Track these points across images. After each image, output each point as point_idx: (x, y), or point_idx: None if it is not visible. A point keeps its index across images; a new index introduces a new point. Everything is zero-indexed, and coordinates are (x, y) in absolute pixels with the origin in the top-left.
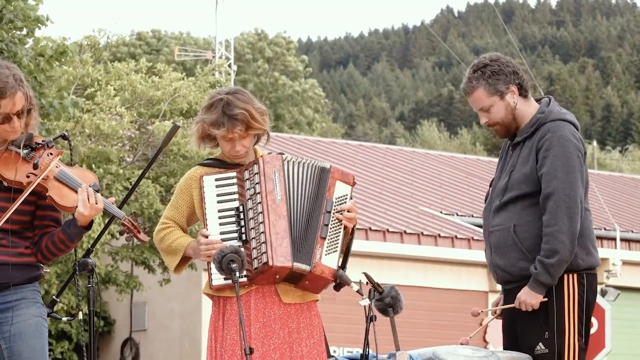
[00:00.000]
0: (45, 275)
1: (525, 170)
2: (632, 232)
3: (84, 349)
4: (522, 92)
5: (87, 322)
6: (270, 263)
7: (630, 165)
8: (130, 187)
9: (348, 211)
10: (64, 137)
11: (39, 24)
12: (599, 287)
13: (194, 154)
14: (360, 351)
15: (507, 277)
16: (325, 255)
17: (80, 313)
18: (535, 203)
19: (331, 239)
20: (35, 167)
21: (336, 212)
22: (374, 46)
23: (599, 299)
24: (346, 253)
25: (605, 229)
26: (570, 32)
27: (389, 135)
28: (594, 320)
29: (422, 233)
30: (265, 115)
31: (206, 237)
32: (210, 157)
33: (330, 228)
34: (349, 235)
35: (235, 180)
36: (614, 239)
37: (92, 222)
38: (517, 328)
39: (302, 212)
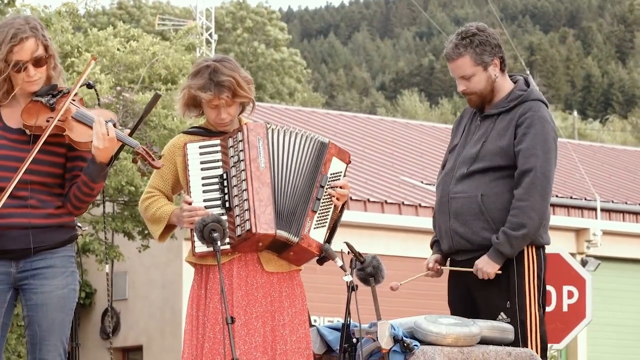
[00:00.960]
0: (82, 233)
1: (502, 144)
2: (612, 202)
3: None
4: (502, 67)
5: None
6: (254, 230)
7: (610, 135)
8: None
9: (341, 187)
10: (88, 85)
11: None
12: (579, 257)
13: (174, 127)
14: (341, 321)
15: (465, 245)
16: (314, 228)
17: None
18: (506, 176)
19: (321, 213)
20: (52, 108)
21: (329, 187)
22: (355, 16)
23: (580, 269)
24: (333, 228)
25: (585, 199)
26: (551, 2)
27: (369, 105)
28: (574, 290)
29: (403, 203)
30: (251, 84)
31: (189, 203)
32: (194, 125)
33: (322, 203)
34: (338, 212)
35: (219, 148)
36: (594, 209)
37: (112, 159)
38: (476, 296)
39: (288, 180)
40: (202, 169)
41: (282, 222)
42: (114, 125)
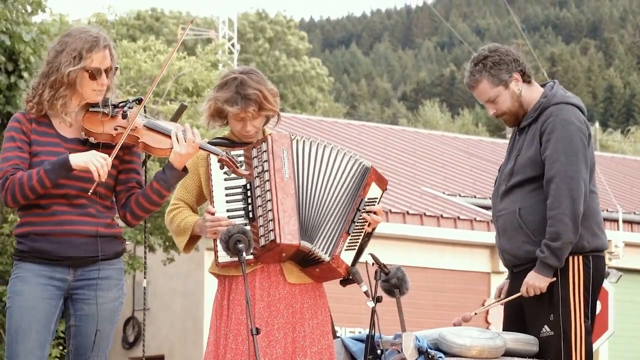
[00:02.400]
0: (127, 247)
1: (530, 154)
2: (634, 213)
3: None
4: (525, 78)
5: None
6: (278, 240)
7: (632, 146)
8: None
9: (375, 213)
10: (139, 101)
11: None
12: None
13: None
14: (363, 331)
15: (514, 261)
16: (345, 250)
17: None
18: (540, 186)
19: (354, 236)
20: (124, 116)
21: (365, 211)
22: (376, 26)
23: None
24: (359, 252)
25: (607, 211)
26: (572, 13)
27: (391, 116)
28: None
29: (424, 214)
30: (276, 97)
31: (212, 214)
32: (218, 136)
33: (355, 226)
34: (366, 237)
35: (242, 159)
36: (616, 220)
37: (185, 167)
38: (525, 311)
39: (314, 192)
40: (225, 179)
41: (305, 234)
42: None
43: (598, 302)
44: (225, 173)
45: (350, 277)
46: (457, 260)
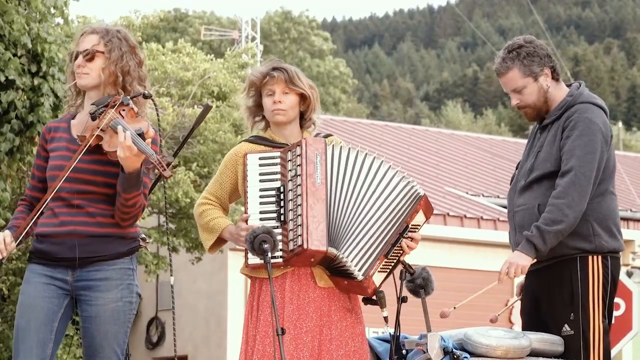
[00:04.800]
0: (145, 245)
1: (551, 150)
2: None
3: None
4: (554, 76)
5: None
6: (305, 246)
7: None
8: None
9: (412, 240)
10: (144, 96)
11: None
12: (625, 269)
13: (226, 141)
14: (388, 332)
15: None
16: (378, 272)
17: None
18: None
19: (389, 259)
20: (93, 118)
21: (406, 238)
22: (399, 26)
23: (626, 281)
24: (387, 276)
25: (631, 211)
26: (595, 13)
27: (413, 116)
28: (621, 302)
29: (448, 214)
30: (314, 90)
31: (246, 221)
32: (254, 134)
33: (394, 250)
34: (398, 262)
35: (278, 160)
36: (639, 220)
37: (139, 171)
38: (544, 309)
39: (346, 197)
40: (260, 181)
41: (334, 240)
42: (142, 135)
43: (622, 303)
44: (149, 174)
45: (374, 299)
46: (481, 260)
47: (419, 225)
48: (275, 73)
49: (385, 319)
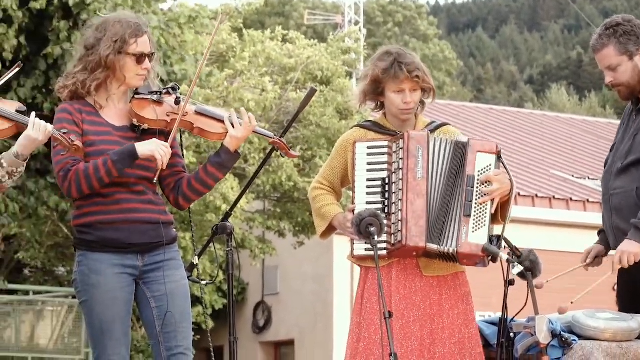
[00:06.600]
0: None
1: None
2: None
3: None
4: None
5: (219, 288)
6: (404, 242)
7: None
8: (264, 157)
9: (488, 181)
10: (173, 88)
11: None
12: None
13: (330, 125)
14: (494, 315)
15: None
16: (473, 232)
17: (220, 275)
18: None
19: (477, 214)
20: (177, 102)
21: (479, 185)
22: (502, 9)
23: None
24: (504, 220)
25: None
26: None
27: (517, 99)
28: None
29: (553, 197)
30: (429, 76)
31: (353, 212)
32: (367, 119)
33: (475, 204)
34: (503, 204)
35: (385, 150)
36: None
37: (237, 150)
38: None
39: (440, 191)
40: (368, 170)
41: (432, 234)
42: None
43: None
44: (280, 155)
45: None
46: (586, 243)
47: (489, 165)
48: (405, 70)
49: (508, 261)
